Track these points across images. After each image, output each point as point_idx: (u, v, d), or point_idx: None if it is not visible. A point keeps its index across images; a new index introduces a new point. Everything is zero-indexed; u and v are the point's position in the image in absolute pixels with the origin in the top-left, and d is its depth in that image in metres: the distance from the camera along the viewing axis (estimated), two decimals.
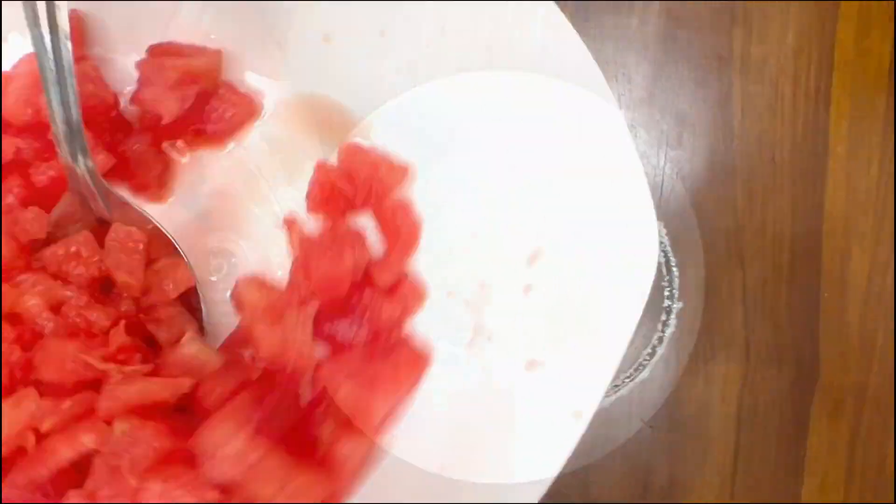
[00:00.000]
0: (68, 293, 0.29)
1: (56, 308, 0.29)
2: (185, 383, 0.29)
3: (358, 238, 0.33)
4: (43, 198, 0.31)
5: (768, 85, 0.47)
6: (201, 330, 0.32)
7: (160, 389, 0.28)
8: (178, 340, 0.30)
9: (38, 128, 0.31)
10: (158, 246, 0.31)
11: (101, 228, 0.31)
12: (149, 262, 0.31)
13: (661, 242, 0.35)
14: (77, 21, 0.34)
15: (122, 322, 0.29)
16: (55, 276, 0.29)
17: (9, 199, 0.30)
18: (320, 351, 0.31)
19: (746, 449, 0.47)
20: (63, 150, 0.28)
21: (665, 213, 0.47)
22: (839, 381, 0.47)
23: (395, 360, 0.31)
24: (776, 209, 0.47)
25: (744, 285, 0.47)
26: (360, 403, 0.29)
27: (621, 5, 0.48)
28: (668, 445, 0.47)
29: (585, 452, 0.47)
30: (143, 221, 0.32)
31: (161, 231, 0.32)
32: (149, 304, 0.31)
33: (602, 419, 0.47)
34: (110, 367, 0.27)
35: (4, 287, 0.28)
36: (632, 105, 0.48)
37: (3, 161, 0.30)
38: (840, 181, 0.47)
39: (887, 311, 0.46)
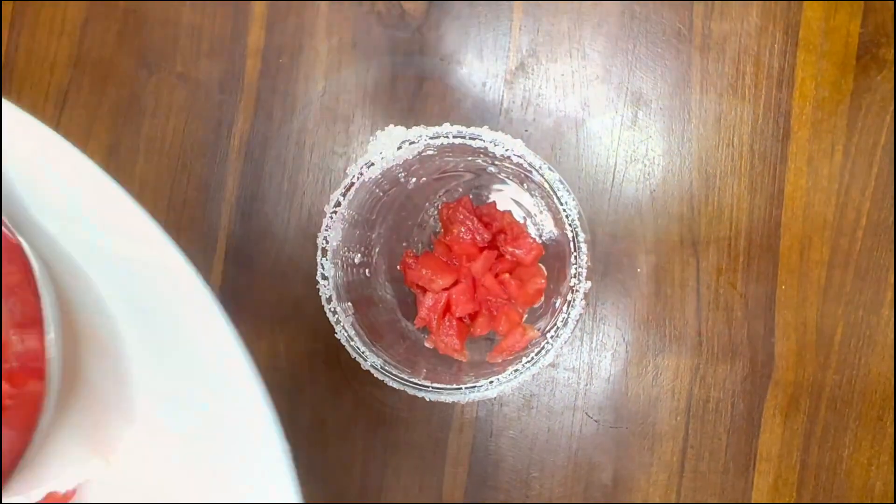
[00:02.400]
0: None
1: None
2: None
3: None
4: None
5: (729, 64, 0.45)
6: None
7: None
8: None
9: None
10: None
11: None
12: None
13: (569, 217, 0.32)
14: None
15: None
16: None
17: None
18: None
19: (695, 446, 0.44)
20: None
21: (620, 198, 0.45)
22: (795, 378, 0.44)
23: None
24: (733, 195, 0.45)
25: (697, 274, 0.45)
26: None
27: None
28: (613, 441, 0.45)
29: (526, 447, 0.45)
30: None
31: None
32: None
33: (544, 412, 0.45)
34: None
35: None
36: (586, 82, 0.45)
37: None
38: (801, 167, 0.44)
39: (847, 306, 0.44)
